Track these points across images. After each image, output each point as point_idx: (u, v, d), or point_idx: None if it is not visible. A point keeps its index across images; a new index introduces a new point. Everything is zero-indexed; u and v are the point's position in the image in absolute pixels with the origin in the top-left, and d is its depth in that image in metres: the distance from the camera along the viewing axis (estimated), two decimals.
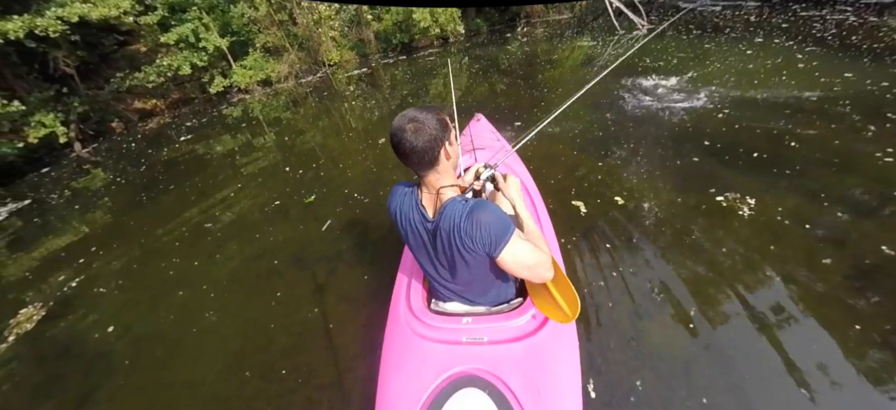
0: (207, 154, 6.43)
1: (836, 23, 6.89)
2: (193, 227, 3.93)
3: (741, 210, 2.60)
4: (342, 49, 11.76)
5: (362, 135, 5.55)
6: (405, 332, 1.33)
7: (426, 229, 1.16)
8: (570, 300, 1.14)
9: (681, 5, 11.27)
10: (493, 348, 1.20)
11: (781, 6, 8.97)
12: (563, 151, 3.83)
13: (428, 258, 1.24)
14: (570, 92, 5.63)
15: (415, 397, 1.14)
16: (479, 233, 1.03)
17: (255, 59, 10.84)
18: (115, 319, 2.86)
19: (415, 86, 8.57)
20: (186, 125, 9.29)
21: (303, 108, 8.61)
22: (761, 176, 2.89)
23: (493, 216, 1.04)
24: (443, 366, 1.18)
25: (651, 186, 3.02)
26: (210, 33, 10.51)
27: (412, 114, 1.03)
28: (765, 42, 6.33)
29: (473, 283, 1.25)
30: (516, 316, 1.26)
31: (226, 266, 3.20)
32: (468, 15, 13.03)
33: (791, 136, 3.33)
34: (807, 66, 4.95)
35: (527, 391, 1.10)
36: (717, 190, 2.81)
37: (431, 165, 1.07)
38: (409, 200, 1.19)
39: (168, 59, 10.42)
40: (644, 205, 2.82)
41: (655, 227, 2.61)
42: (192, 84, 12.20)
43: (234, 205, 4.20)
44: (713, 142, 3.47)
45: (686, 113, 4.14)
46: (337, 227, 3.32)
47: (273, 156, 5.58)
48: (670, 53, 6.56)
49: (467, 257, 1.09)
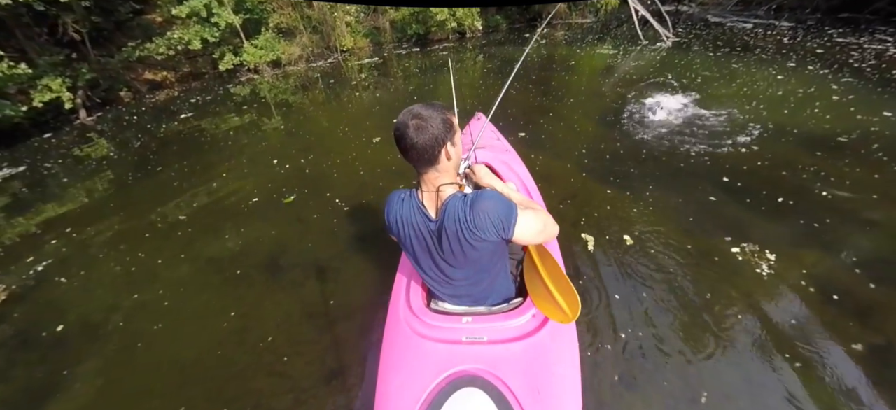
0: (202, 135, 6.24)
1: (875, 53, 6.41)
2: (168, 219, 3.74)
3: (759, 266, 2.29)
4: (356, 35, 11.50)
5: (358, 131, 5.28)
6: (405, 331, 1.31)
7: (430, 230, 1.14)
8: (570, 300, 1.12)
9: (710, 19, 10.73)
10: (493, 348, 1.20)
11: (817, 29, 8.45)
12: (570, 172, 3.53)
13: (432, 261, 1.21)
14: (584, 103, 5.31)
15: (414, 396, 1.13)
16: (488, 222, 1.04)
17: (267, 38, 10.62)
18: (70, 312, 2.69)
19: (424, 80, 8.28)
20: (191, 101, 9.13)
21: (308, 94, 8.39)
22: (785, 226, 2.57)
23: (495, 200, 1.06)
24: (442, 366, 1.17)
25: (662, 226, 2.71)
26: (223, 9, 10.30)
27: (417, 111, 1.02)
28: (797, 67, 5.89)
29: (480, 279, 1.24)
30: (516, 316, 1.25)
31: (189, 266, 2.99)
32: (488, 11, 12.64)
33: (822, 182, 2.98)
34: (842, 99, 4.55)
35: (527, 391, 1.09)
36: (733, 239, 2.50)
37: (431, 163, 1.07)
38: (408, 205, 1.17)
39: (179, 32, 10.25)
40: (652, 249, 2.52)
41: (662, 276, 2.32)
42: (204, 59, 12.06)
43: (211, 198, 3.99)
44: (733, 179, 3.13)
45: (705, 141, 3.79)
46: (312, 233, 3.09)
47: (264, 144, 5.36)
48: (695, 70, 6.16)
49: (479, 246, 1.08)
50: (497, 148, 2.59)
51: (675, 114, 4.54)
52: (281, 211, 3.51)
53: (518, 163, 2.48)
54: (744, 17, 10.66)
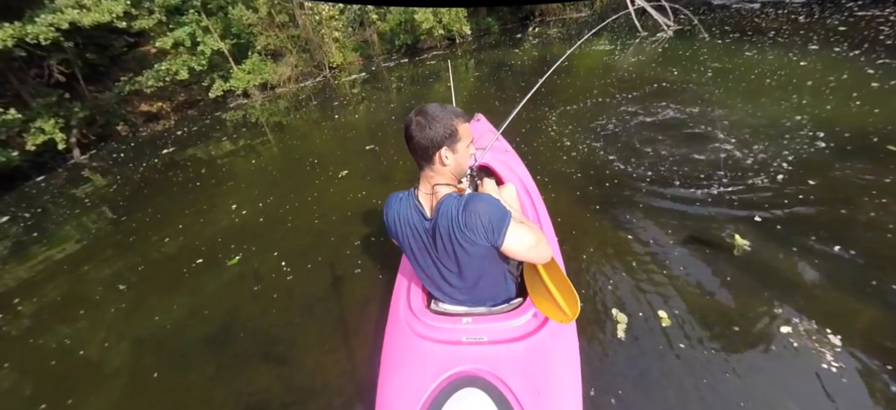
0: (175, 174, 5.72)
1: None
2: (117, 274, 3.24)
3: (822, 357, 1.56)
4: (345, 51, 10.91)
5: (327, 163, 4.62)
6: (405, 332, 1.28)
7: (425, 228, 1.11)
8: (570, 300, 1.09)
9: (713, 2, 9.78)
10: (493, 348, 1.16)
11: (834, 3, 7.48)
12: (560, 204, 2.83)
13: (430, 261, 1.17)
14: (577, 114, 4.57)
15: (415, 397, 1.09)
16: (478, 224, 1.00)
17: (254, 62, 10.12)
18: None
19: (414, 91, 7.65)
20: (179, 133, 8.69)
21: (294, 118, 7.84)
22: (849, 291, 1.81)
23: (489, 204, 1.02)
24: (443, 366, 1.13)
25: (699, 298, 1.93)
26: (209, 36, 9.83)
27: (426, 109, 1.02)
28: (821, 50, 5.02)
29: (477, 280, 1.19)
30: (516, 316, 1.21)
31: (123, 345, 2.42)
32: (478, 14, 11.89)
33: (885, 213, 2.18)
34: (883, 87, 3.71)
35: (527, 391, 1.05)
36: (784, 312, 1.76)
37: (427, 162, 1.06)
38: (406, 203, 1.14)
39: (166, 63, 9.83)
40: (688, 327, 1.79)
41: (701, 363, 1.65)
42: (199, 87, 11.66)
43: (159, 257, 3.44)
44: (770, 218, 2.32)
45: (726, 162, 2.95)
46: (252, 304, 2.48)
47: (230, 184, 4.77)
48: (703, 62, 5.35)
49: (470, 250, 1.05)
50: (497, 148, 2.45)
51: (684, 124, 3.76)
52: (224, 275, 2.90)
53: (518, 163, 2.37)
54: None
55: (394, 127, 5.46)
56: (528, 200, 1.92)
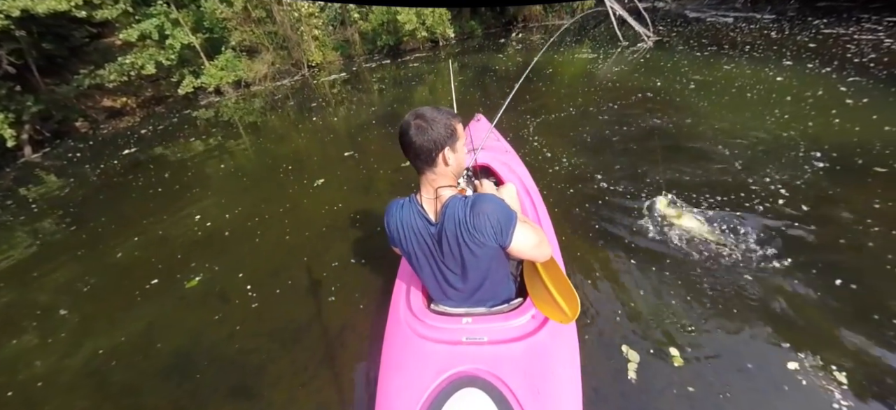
0: (135, 178, 5.24)
1: (871, 45, 5.67)
2: (60, 294, 2.86)
3: (829, 395, 1.45)
4: (325, 49, 10.50)
5: (303, 169, 4.31)
6: (405, 332, 1.25)
7: (430, 233, 1.09)
8: (570, 300, 1.08)
9: (689, 15, 9.97)
10: (493, 348, 1.14)
11: (801, 20, 7.74)
12: (585, 237, 2.66)
13: (434, 265, 1.15)
14: (561, 124, 4.44)
15: (415, 397, 1.07)
16: (487, 225, 0.99)
17: (228, 58, 9.58)
18: None
19: (396, 94, 7.37)
20: (142, 132, 8.09)
21: (270, 117, 7.42)
22: (851, 325, 1.71)
23: (496, 205, 1.02)
24: (443, 366, 1.12)
25: (711, 340, 1.76)
26: (178, 29, 9.24)
27: (422, 112, 1.00)
28: (795, 66, 5.10)
29: (481, 282, 1.16)
30: (516, 316, 1.19)
31: (63, 379, 2.08)
32: (462, 17, 11.72)
33: (885, 241, 2.12)
34: (857, 104, 3.76)
35: (527, 391, 1.04)
36: (787, 346, 1.65)
37: (429, 165, 1.03)
38: (408, 209, 1.11)
39: (131, 57, 9.16)
40: (703, 376, 1.62)
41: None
42: (167, 82, 10.96)
43: (109, 275, 3.06)
44: (768, 248, 2.25)
45: (713, 184, 2.83)
46: (212, 334, 2.19)
47: (196, 190, 4.36)
48: (684, 74, 5.34)
49: (477, 251, 1.04)
50: (497, 149, 2.44)
51: (671, 135, 3.69)
52: (181, 299, 2.58)
53: (518, 163, 2.35)
54: (723, 12, 9.91)
55: (375, 132, 5.20)
56: (528, 200, 1.89)
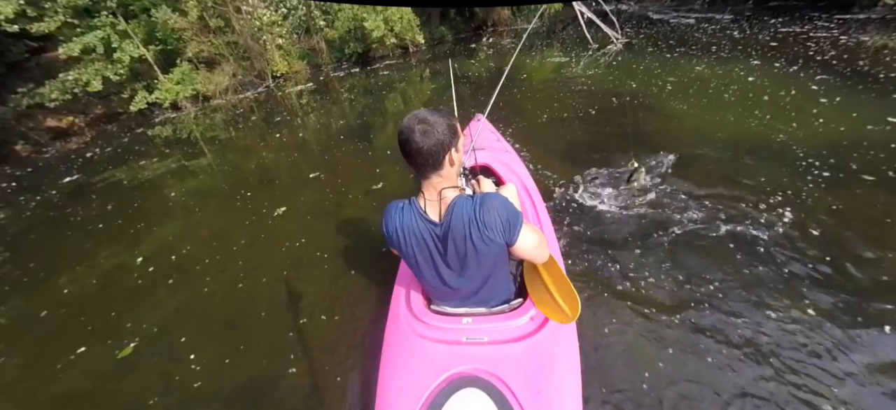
0: (73, 213, 4.55)
1: (829, 42, 5.76)
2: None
3: None
4: (290, 59, 9.88)
5: (263, 196, 3.78)
6: (405, 332, 1.24)
7: (435, 235, 1.07)
8: (570, 300, 1.08)
9: (653, 17, 10.03)
10: (493, 348, 1.12)
11: (758, 20, 7.90)
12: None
13: (435, 267, 1.12)
14: (538, 132, 4.17)
15: (415, 397, 1.06)
16: (497, 221, 0.99)
17: (184, 71, 8.81)
18: None
19: (366, 104, 6.92)
20: (88, 155, 7.27)
21: (231, 134, 6.80)
22: (857, 354, 1.49)
23: (504, 202, 1.02)
24: (443, 366, 1.10)
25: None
26: (127, 42, 8.41)
27: (423, 116, 0.98)
28: (763, 65, 5.06)
29: (485, 281, 1.15)
30: (516, 317, 1.18)
31: None
32: (431, 23, 11.37)
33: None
34: (831, 103, 3.68)
35: (527, 391, 1.03)
36: (817, 390, 1.39)
37: (435, 169, 1.02)
38: (409, 213, 1.08)
39: (74, 73, 8.26)
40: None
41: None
42: (120, 98, 10.01)
43: (32, 338, 2.51)
44: (786, 268, 2.03)
45: (709, 195, 2.60)
46: None
47: (140, 225, 3.73)
48: (658, 76, 5.20)
49: (484, 249, 1.02)
50: (497, 148, 2.41)
51: (658, 143, 3.47)
52: (110, 373, 2.09)
53: (518, 163, 2.32)
54: (683, 13, 10.04)
55: (343, 148, 4.75)
56: (529, 201, 1.86)
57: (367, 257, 2.54)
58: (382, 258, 2.41)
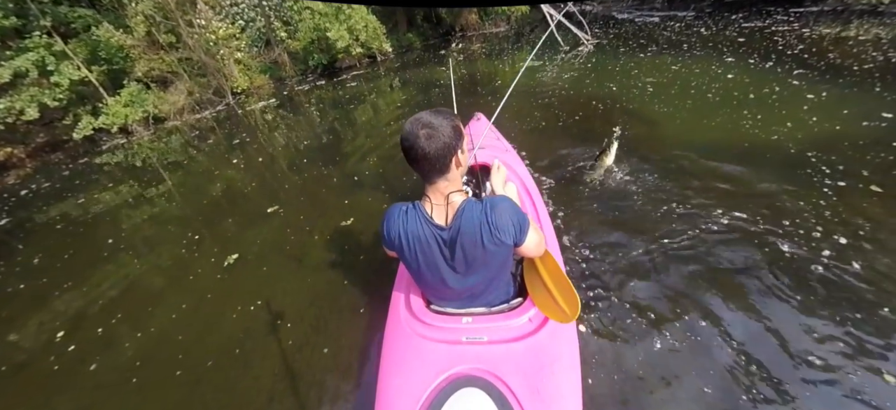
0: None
1: (795, 36, 5.69)
2: None
3: None
4: (251, 73, 9.12)
5: (214, 239, 3.17)
6: (405, 332, 1.20)
7: (441, 239, 1.01)
8: (570, 300, 1.05)
9: (618, 17, 9.90)
10: (493, 348, 1.10)
11: (720, 16, 7.87)
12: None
13: (438, 270, 1.06)
14: (525, 142, 3.77)
15: (414, 397, 1.04)
16: (509, 223, 0.97)
17: (132, 92, 7.91)
18: None
19: (335, 116, 6.34)
20: (22, 193, 6.31)
21: (185, 161, 6.05)
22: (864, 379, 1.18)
23: (513, 205, 1.00)
24: (442, 366, 1.08)
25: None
26: (66, 64, 7.46)
27: (426, 120, 0.92)
28: (738, 62, 4.87)
29: (489, 283, 1.12)
30: (516, 316, 1.15)
31: None
32: (399, 29, 10.85)
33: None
34: (820, 100, 3.47)
35: (527, 391, 1.01)
36: None
37: (442, 173, 0.98)
38: (413, 218, 1.02)
39: (5, 101, 7.24)
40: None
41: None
42: (65, 125, 8.94)
43: None
44: (803, 286, 1.71)
45: (710, 205, 2.32)
46: None
47: (69, 283, 3.04)
48: (635, 77, 4.92)
49: (494, 250, 0.99)
50: (497, 148, 2.38)
51: (649, 148, 3.13)
52: None
53: (518, 163, 2.28)
54: (647, 12, 9.98)
55: (307, 173, 4.19)
56: (529, 200, 1.84)
57: (337, 315, 2.05)
58: (354, 313, 2.00)
